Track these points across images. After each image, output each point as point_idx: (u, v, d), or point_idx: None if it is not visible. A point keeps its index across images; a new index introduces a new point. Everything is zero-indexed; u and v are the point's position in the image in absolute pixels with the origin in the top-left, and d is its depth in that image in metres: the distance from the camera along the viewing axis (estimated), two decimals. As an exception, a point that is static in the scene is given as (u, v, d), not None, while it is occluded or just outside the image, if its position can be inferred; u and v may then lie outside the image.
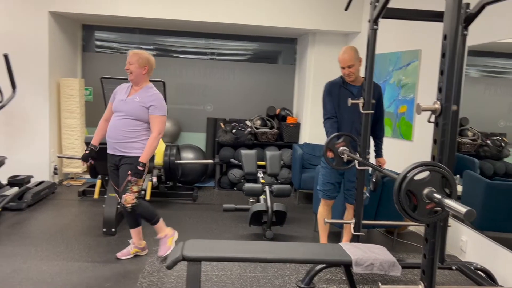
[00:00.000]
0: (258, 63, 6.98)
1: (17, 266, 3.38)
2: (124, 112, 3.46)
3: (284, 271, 3.49)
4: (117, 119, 3.48)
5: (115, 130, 3.47)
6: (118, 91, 3.65)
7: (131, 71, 3.52)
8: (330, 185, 3.63)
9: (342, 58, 3.47)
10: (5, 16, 5.50)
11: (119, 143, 3.46)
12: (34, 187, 5.17)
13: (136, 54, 3.56)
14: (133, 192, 3.46)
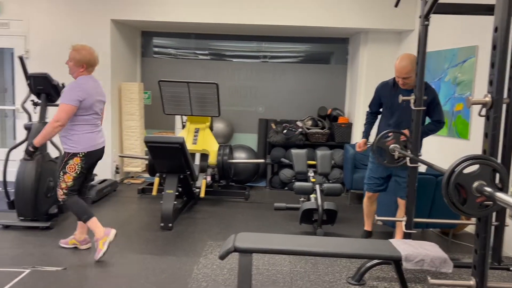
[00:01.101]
0: (309, 64, 7.03)
1: (83, 256, 3.65)
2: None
3: (335, 268, 3.52)
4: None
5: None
6: None
7: (69, 67, 3.69)
8: (374, 179, 3.83)
9: (399, 68, 3.46)
10: (72, 25, 5.92)
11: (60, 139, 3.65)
12: (98, 184, 5.52)
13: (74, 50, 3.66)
14: (61, 188, 3.61)
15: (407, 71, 3.43)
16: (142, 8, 5.85)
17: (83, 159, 3.63)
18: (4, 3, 5.91)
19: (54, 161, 4.55)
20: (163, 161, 4.48)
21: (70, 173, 3.59)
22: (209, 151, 5.44)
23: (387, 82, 3.75)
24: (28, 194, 4.21)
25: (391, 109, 3.67)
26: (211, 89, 5.23)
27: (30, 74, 4.55)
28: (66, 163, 3.58)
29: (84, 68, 3.65)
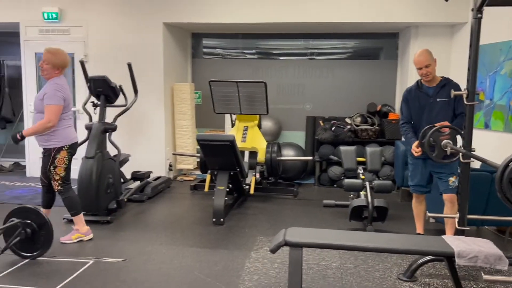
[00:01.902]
0: (358, 60, 6.97)
1: (142, 248, 3.85)
2: (36, 109, 3.84)
3: (385, 264, 3.51)
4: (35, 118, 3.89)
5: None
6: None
7: (43, 68, 3.81)
8: (417, 180, 3.86)
9: (418, 60, 3.67)
10: (127, 30, 6.22)
11: (37, 137, 3.85)
12: (153, 181, 5.77)
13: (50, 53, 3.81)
14: (56, 180, 3.89)
15: (426, 58, 3.63)
16: (192, 11, 6.05)
17: (69, 151, 3.92)
18: (65, 11, 6.30)
19: (113, 159, 4.82)
20: (214, 159, 4.63)
21: (60, 166, 3.88)
22: (257, 148, 5.54)
23: (411, 87, 3.90)
24: (90, 191, 4.49)
25: (419, 110, 3.78)
26: (260, 88, 5.33)
27: (90, 77, 4.84)
28: (54, 157, 3.86)
29: (59, 71, 3.87)
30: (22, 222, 3.46)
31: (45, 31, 6.40)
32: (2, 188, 5.90)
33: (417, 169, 3.84)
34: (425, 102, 3.74)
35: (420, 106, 3.77)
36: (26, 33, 6.45)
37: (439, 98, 3.69)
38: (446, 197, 3.65)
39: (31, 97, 6.57)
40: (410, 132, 3.82)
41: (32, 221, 3.50)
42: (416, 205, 3.98)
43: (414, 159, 3.83)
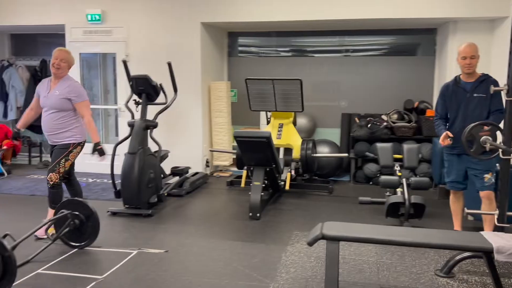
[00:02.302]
0: (394, 56, 6.91)
1: (182, 241, 4.00)
2: (48, 106, 3.95)
3: (422, 260, 3.51)
4: (45, 115, 3.99)
5: (47, 124, 4.00)
6: (40, 88, 4.08)
7: (60, 67, 3.95)
8: (453, 176, 3.85)
9: (464, 50, 3.67)
10: (166, 30, 6.41)
11: (52, 134, 4.00)
12: (191, 177, 5.94)
13: (66, 53, 4.04)
14: (59, 172, 3.99)
15: (473, 49, 3.64)
16: (229, 10, 6.17)
17: (82, 147, 4.15)
18: (107, 12, 6.56)
19: (154, 155, 5.01)
20: (251, 155, 4.73)
21: (70, 160, 4.07)
22: (292, 145, 5.61)
23: (448, 83, 3.89)
24: (132, 185, 4.69)
25: (455, 105, 3.77)
26: (295, 85, 5.39)
27: (132, 76, 5.04)
28: (71, 152, 4.04)
29: (69, 69, 4.10)
30: (71, 214, 3.66)
31: (88, 32, 6.68)
32: (49, 182, 6.21)
33: (453, 165, 3.84)
34: (462, 97, 3.73)
35: (457, 101, 3.76)
36: (71, 35, 6.75)
37: (476, 93, 3.67)
38: (483, 194, 3.64)
39: (75, 96, 6.87)
40: (441, 125, 3.85)
41: (80, 212, 3.70)
42: (453, 202, 3.96)
43: (449, 155, 3.83)
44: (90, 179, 6.47)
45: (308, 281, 3.16)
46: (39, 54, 7.80)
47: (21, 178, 6.45)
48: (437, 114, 3.94)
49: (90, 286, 3.08)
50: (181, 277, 3.24)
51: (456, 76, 3.85)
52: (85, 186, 6.01)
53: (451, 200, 3.98)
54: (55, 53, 3.99)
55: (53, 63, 3.94)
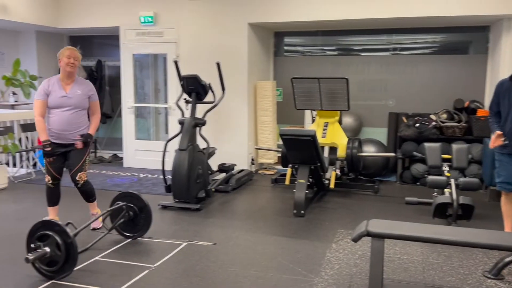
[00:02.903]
0: (444, 54, 6.75)
1: (228, 234, 4.14)
2: (73, 105, 3.96)
3: (470, 261, 3.46)
4: (66, 114, 3.96)
5: (68, 124, 3.97)
6: (51, 88, 3.95)
7: (75, 66, 3.96)
8: (504, 177, 3.77)
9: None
10: (214, 31, 6.59)
11: (73, 133, 4.01)
12: (237, 173, 6.09)
13: (77, 52, 4.01)
14: (86, 170, 4.10)
15: None
16: (276, 11, 6.27)
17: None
18: (159, 14, 6.83)
19: (203, 152, 5.19)
20: (296, 153, 4.80)
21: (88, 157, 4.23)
22: (338, 144, 5.62)
23: (504, 80, 3.79)
24: (182, 180, 4.88)
25: (508, 104, 3.67)
26: (341, 84, 5.40)
27: (183, 76, 5.24)
28: (90, 149, 4.22)
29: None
30: (126, 205, 3.89)
31: (141, 33, 6.98)
32: (104, 177, 6.56)
33: (503, 165, 3.76)
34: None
35: (510, 99, 3.66)
36: (125, 36, 7.08)
37: None
38: None
39: (129, 95, 7.21)
40: (495, 123, 3.77)
41: (134, 205, 3.92)
42: (504, 203, 3.87)
43: (500, 155, 3.74)
44: (141, 174, 6.76)
45: (352, 278, 3.20)
46: (95, 55, 8.22)
47: (78, 172, 6.84)
48: (491, 112, 3.87)
49: (144, 273, 3.27)
50: (228, 268, 3.37)
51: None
52: (136, 181, 6.29)
53: (503, 201, 3.88)
54: (67, 52, 3.93)
55: (68, 62, 3.90)
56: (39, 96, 3.93)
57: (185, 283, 3.12)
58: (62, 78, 3.99)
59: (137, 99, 7.37)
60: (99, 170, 7.07)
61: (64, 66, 3.92)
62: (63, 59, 3.91)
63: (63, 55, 3.92)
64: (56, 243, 3.05)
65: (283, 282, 3.14)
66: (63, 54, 3.93)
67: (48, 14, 7.11)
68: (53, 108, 3.96)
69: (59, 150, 4.02)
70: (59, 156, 4.04)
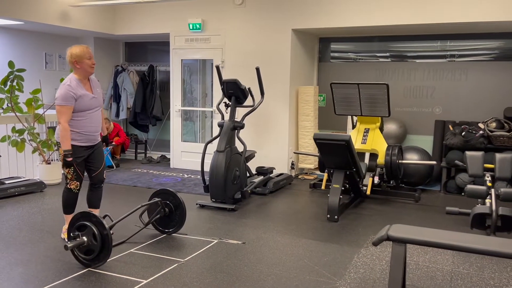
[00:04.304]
0: (495, 61, 6.47)
1: (260, 234, 4.23)
2: (99, 105, 3.94)
3: (503, 274, 3.33)
4: (95, 114, 3.91)
5: (98, 124, 3.95)
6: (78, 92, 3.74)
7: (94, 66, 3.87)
8: None
9: None
10: (258, 37, 6.74)
11: (99, 133, 4.02)
12: (276, 177, 6.17)
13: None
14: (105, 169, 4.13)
15: None
16: (320, 17, 6.31)
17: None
18: (206, 22, 7.08)
19: (240, 154, 5.32)
20: (330, 157, 4.81)
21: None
22: (378, 151, 5.56)
23: None
24: (219, 181, 5.04)
25: None
26: (381, 90, 5.35)
27: (223, 80, 5.42)
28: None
29: None
30: (162, 202, 4.09)
31: (189, 40, 7.28)
32: (150, 176, 6.88)
33: None
34: None
35: None
36: (175, 42, 7.40)
37: None
38: None
39: (177, 98, 7.53)
40: None
41: (170, 202, 4.11)
42: None
43: None
44: (186, 174, 7.01)
45: (375, 282, 3.19)
46: (148, 60, 8.65)
47: (126, 171, 7.22)
48: None
49: (173, 266, 3.43)
50: (253, 266, 3.46)
51: None
52: (180, 181, 6.54)
53: None
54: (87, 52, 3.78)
55: (92, 63, 3.80)
56: (68, 102, 3.69)
57: (210, 277, 3.25)
58: (81, 79, 3.80)
59: (186, 103, 7.67)
60: (147, 169, 7.41)
61: (87, 68, 3.77)
62: (84, 60, 3.73)
63: (84, 56, 3.73)
64: (93, 233, 3.29)
65: (305, 283, 3.18)
66: (83, 55, 3.73)
67: (105, 22, 7.60)
68: (83, 111, 3.79)
69: (85, 154, 3.92)
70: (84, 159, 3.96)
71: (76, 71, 3.80)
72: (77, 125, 3.80)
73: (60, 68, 8.11)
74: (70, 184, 3.91)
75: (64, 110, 3.70)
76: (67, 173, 3.89)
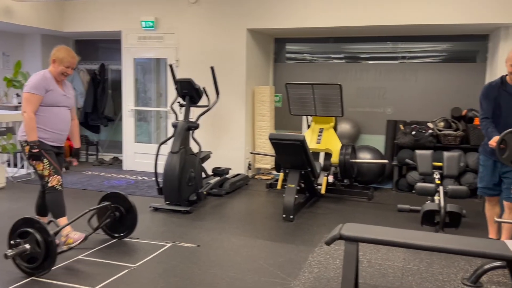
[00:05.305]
0: (443, 63, 6.73)
1: (215, 236, 4.16)
2: (69, 105, 3.79)
3: (451, 268, 3.43)
4: (64, 112, 3.74)
5: (66, 123, 3.77)
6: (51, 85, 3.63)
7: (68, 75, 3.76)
8: (487, 182, 3.75)
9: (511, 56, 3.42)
10: (213, 36, 6.66)
11: (66, 135, 3.83)
12: (232, 178, 6.12)
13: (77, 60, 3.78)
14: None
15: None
16: (275, 17, 6.31)
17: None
18: (160, 20, 6.92)
19: (195, 155, 5.23)
20: (285, 157, 4.81)
21: None
22: (332, 150, 5.62)
23: (493, 83, 3.67)
24: (173, 183, 4.92)
25: (497, 109, 3.58)
26: (335, 90, 5.41)
27: (177, 79, 5.31)
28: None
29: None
30: (112, 205, 3.93)
31: (142, 38, 7.09)
32: (102, 179, 6.64)
33: (487, 170, 3.73)
34: (506, 102, 3.55)
35: (499, 105, 3.58)
36: (127, 40, 7.19)
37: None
38: (507, 204, 3.59)
39: (129, 98, 7.31)
40: (491, 126, 3.57)
41: (120, 205, 3.97)
42: (488, 209, 3.87)
43: (486, 161, 3.71)
44: (139, 176, 6.83)
45: (329, 281, 3.20)
46: (99, 58, 8.35)
47: (77, 174, 6.94)
48: (484, 113, 3.66)
49: (123, 272, 3.31)
50: (207, 269, 3.39)
51: (502, 76, 3.64)
52: (133, 184, 6.36)
53: (486, 207, 3.89)
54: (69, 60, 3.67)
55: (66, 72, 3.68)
56: (38, 91, 3.53)
57: (162, 283, 3.15)
58: (53, 77, 3.69)
59: (139, 103, 7.46)
60: (99, 172, 7.15)
61: (59, 74, 3.66)
62: (61, 67, 3.64)
63: (63, 63, 3.63)
64: (36, 241, 3.11)
65: (260, 285, 3.14)
66: (63, 61, 3.63)
67: (53, 18, 7.27)
68: (51, 105, 3.62)
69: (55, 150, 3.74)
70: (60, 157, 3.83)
71: (51, 69, 3.70)
72: (44, 121, 3.61)
73: (5, 66, 7.68)
74: (51, 182, 3.65)
75: (32, 99, 3.52)
76: (42, 169, 3.61)
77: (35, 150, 3.53)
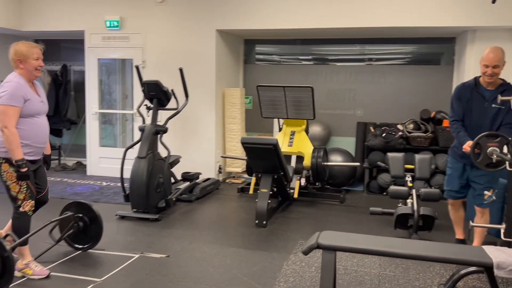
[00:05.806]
0: (412, 65, 6.79)
1: (185, 245, 4.00)
2: (45, 112, 3.35)
3: (427, 274, 3.40)
4: (45, 121, 3.33)
5: (47, 133, 3.36)
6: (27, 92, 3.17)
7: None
8: (452, 185, 3.75)
9: (488, 57, 3.40)
10: (181, 37, 6.48)
11: (46, 144, 3.42)
12: (202, 182, 5.95)
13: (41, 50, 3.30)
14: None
15: (497, 58, 3.37)
16: (245, 18, 6.19)
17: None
18: (125, 19, 6.67)
19: (163, 160, 5.04)
20: (258, 162, 4.70)
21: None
22: (304, 153, 5.55)
23: (467, 84, 3.62)
24: (140, 189, 4.72)
25: (469, 110, 3.55)
26: (306, 93, 5.35)
27: (144, 81, 5.10)
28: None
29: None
30: (75, 216, 3.71)
31: (107, 38, 6.81)
32: (64, 185, 6.33)
33: (456, 173, 3.72)
34: (479, 104, 3.49)
35: (472, 107, 3.52)
36: (90, 40, 6.90)
37: (494, 104, 3.44)
38: (478, 208, 3.60)
39: (93, 100, 7.02)
40: (462, 130, 3.52)
41: (84, 215, 3.74)
42: (452, 212, 3.90)
43: (455, 163, 3.70)
44: (104, 182, 6.55)
45: (305, 291, 3.10)
46: (61, 59, 8.00)
47: (38, 180, 6.58)
48: (454, 115, 3.60)
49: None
50: (179, 282, 3.23)
51: (476, 77, 3.58)
52: (98, 190, 6.09)
53: (450, 209, 3.91)
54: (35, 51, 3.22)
55: (39, 65, 3.23)
56: (16, 102, 3.06)
57: (130, 298, 2.97)
58: (26, 81, 3.21)
59: (104, 105, 7.18)
60: (61, 178, 6.83)
61: (33, 70, 3.19)
62: (30, 61, 3.15)
63: (30, 56, 3.16)
64: (-9, 257, 2.87)
65: (234, 297, 3.01)
66: (30, 54, 3.16)
67: (10, 16, 6.89)
68: (32, 116, 3.18)
69: (32, 169, 3.27)
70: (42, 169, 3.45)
71: (20, 71, 3.20)
72: (25, 135, 3.15)
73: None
74: (23, 207, 3.22)
75: (11, 112, 3.04)
76: (17, 192, 3.17)
77: (23, 170, 3.09)
